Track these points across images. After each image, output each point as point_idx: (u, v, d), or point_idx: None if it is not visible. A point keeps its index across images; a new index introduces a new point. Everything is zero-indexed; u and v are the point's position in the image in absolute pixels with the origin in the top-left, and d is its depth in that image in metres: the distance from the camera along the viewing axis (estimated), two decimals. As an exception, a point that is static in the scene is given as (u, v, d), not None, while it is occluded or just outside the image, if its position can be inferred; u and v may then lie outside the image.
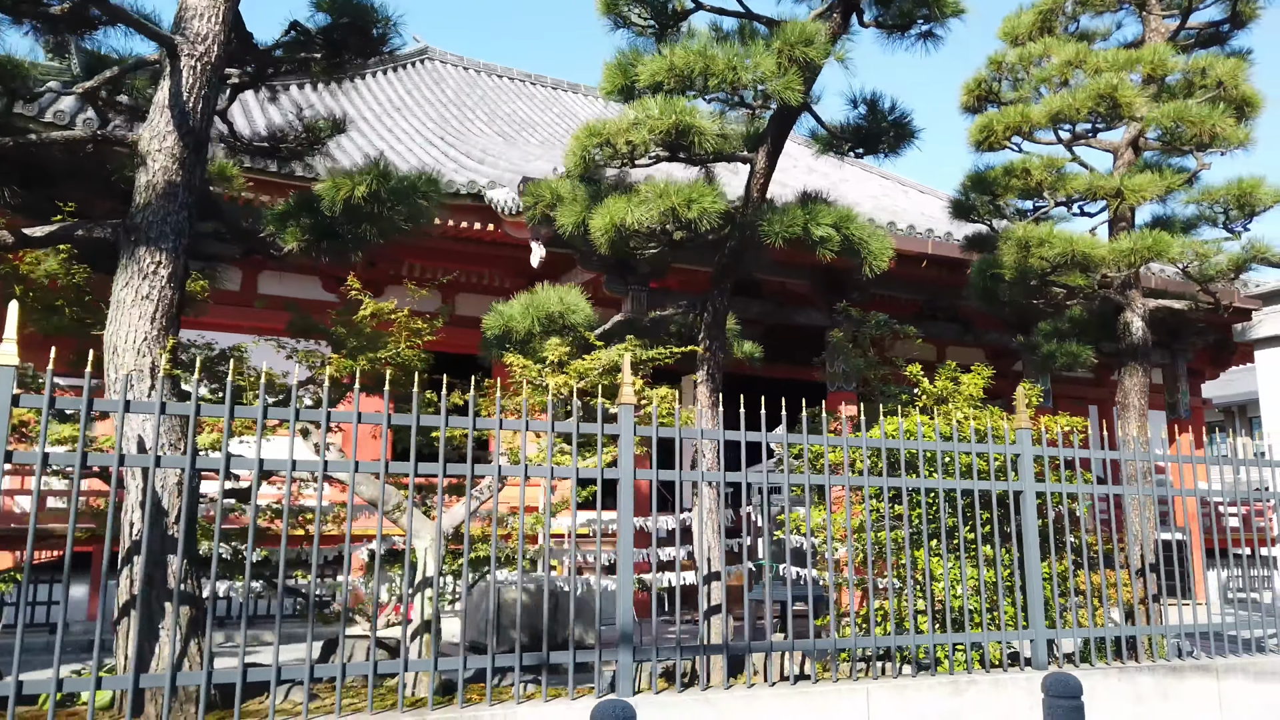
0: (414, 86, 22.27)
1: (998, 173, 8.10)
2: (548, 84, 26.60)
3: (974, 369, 7.52)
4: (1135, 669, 6.46)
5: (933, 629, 6.27)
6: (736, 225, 6.42)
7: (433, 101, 21.21)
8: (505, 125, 21.25)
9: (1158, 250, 7.45)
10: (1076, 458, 6.72)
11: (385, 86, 21.38)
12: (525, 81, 26.31)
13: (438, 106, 20.88)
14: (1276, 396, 8.13)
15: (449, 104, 21.44)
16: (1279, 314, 8.09)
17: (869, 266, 6.30)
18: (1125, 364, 8.42)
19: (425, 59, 24.34)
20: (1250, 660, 6.93)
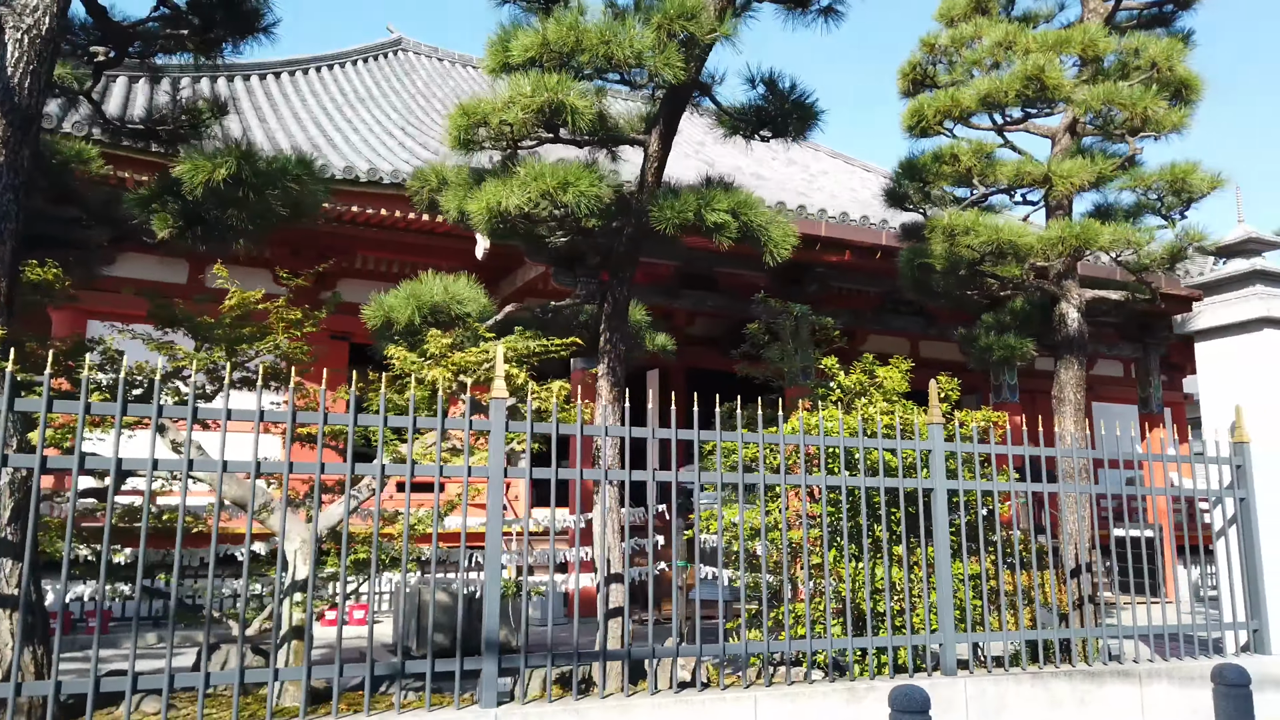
0: (383, 78, 21.96)
1: (928, 159, 7.81)
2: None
3: (893, 361, 7.23)
4: (1053, 674, 6.19)
5: (850, 632, 6.01)
6: (633, 211, 6.14)
7: (400, 92, 20.90)
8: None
9: (1087, 239, 7.16)
10: (993, 454, 6.44)
11: (354, 77, 21.07)
12: (501, 73, 25.95)
13: (404, 97, 20.57)
14: (1216, 391, 7.84)
15: (417, 95, 21.14)
16: (1218, 305, 7.79)
17: (770, 255, 6.02)
18: (1061, 357, 8.14)
19: (399, 50, 24.03)
20: (1176, 665, 6.66)
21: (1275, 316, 7.43)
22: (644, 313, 7.25)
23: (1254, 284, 7.62)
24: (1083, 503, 7.96)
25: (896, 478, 6.25)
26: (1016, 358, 8.52)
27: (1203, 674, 6.68)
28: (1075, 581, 7.80)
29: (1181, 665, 6.68)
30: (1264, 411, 7.46)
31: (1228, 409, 7.63)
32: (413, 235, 13.62)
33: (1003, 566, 6.60)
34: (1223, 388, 7.83)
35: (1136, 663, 6.67)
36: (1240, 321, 7.65)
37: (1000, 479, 6.64)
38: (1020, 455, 6.68)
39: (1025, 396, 16.28)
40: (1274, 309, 7.42)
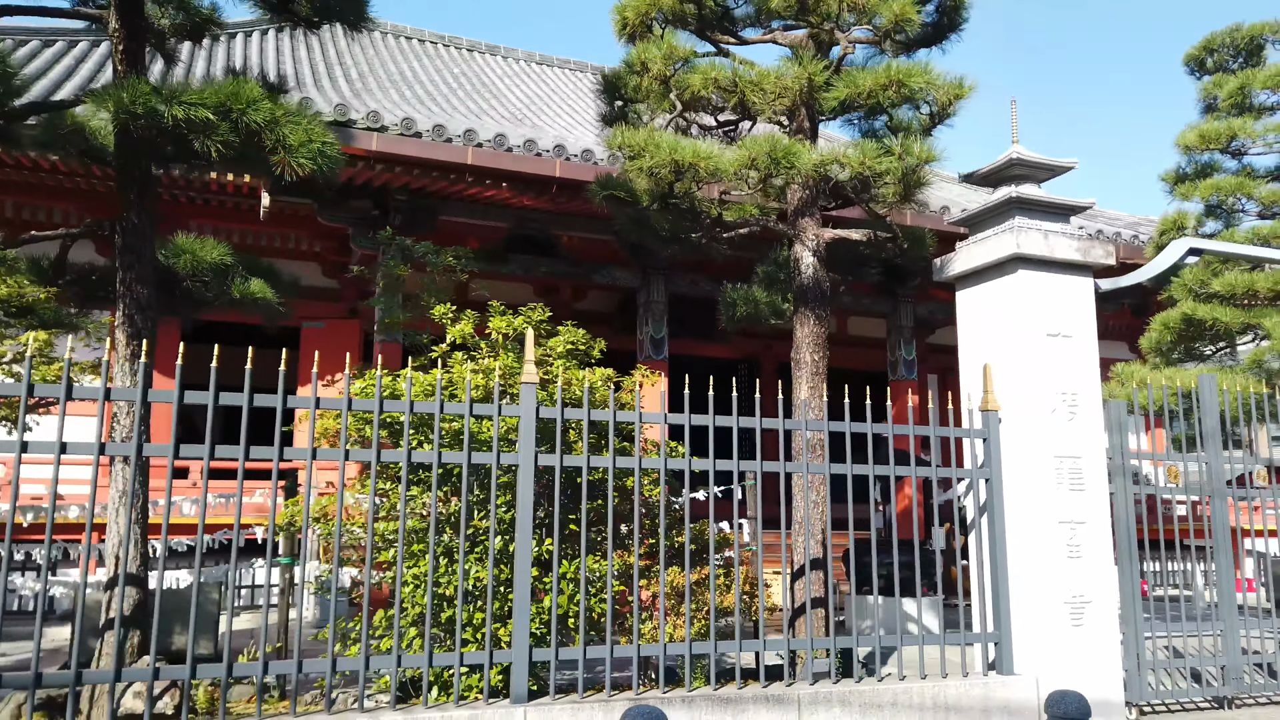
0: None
1: (622, 70, 6.46)
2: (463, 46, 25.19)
3: (525, 311, 5.89)
4: (676, 700, 4.85)
5: (430, 646, 4.76)
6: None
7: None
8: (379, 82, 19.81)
9: (787, 160, 5.79)
10: (611, 421, 5.08)
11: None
12: (437, 44, 24.90)
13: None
14: (971, 349, 6.42)
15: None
16: (974, 244, 6.36)
17: (290, 168, 4.74)
18: (797, 311, 6.76)
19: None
20: (869, 689, 5.28)
21: (1028, 253, 6.00)
22: (224, 252, 5.95)
23: (1012, 215, 6.18)
24: (814, 485, 6.59)
25: (485, 452, 4.95)
26: (765, 316, 7.14)
27: (906, 700, 5.32)
28: (800, 582, 6.46)
29: (877, 690, 5.31)
30: (1015, 372, 6.04)
31: (981, 369, 6.21)
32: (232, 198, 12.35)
33: (660, 563, 5.28)
34: (977, 344, 6.40)
35: (813, 684, 5.31)
36: (993, 263, 6.22)
37: (649, 454, 5.31)
38: (677, 424, 5.33)
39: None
40: (1026, 244, 5.98)
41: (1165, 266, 6.88)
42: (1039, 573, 5.73)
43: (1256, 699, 7.44)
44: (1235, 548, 15.77)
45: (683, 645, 5.09)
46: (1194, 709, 7.15)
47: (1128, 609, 6.74)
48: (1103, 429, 6.09)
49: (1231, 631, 7.09)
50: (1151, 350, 10.24)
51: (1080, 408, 6.02)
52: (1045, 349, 5.99)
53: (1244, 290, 8.87)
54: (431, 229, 11.72)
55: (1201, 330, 9.34)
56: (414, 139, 9.70)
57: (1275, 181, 10.08)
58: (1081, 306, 6.17)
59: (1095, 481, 5.97)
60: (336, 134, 9.37)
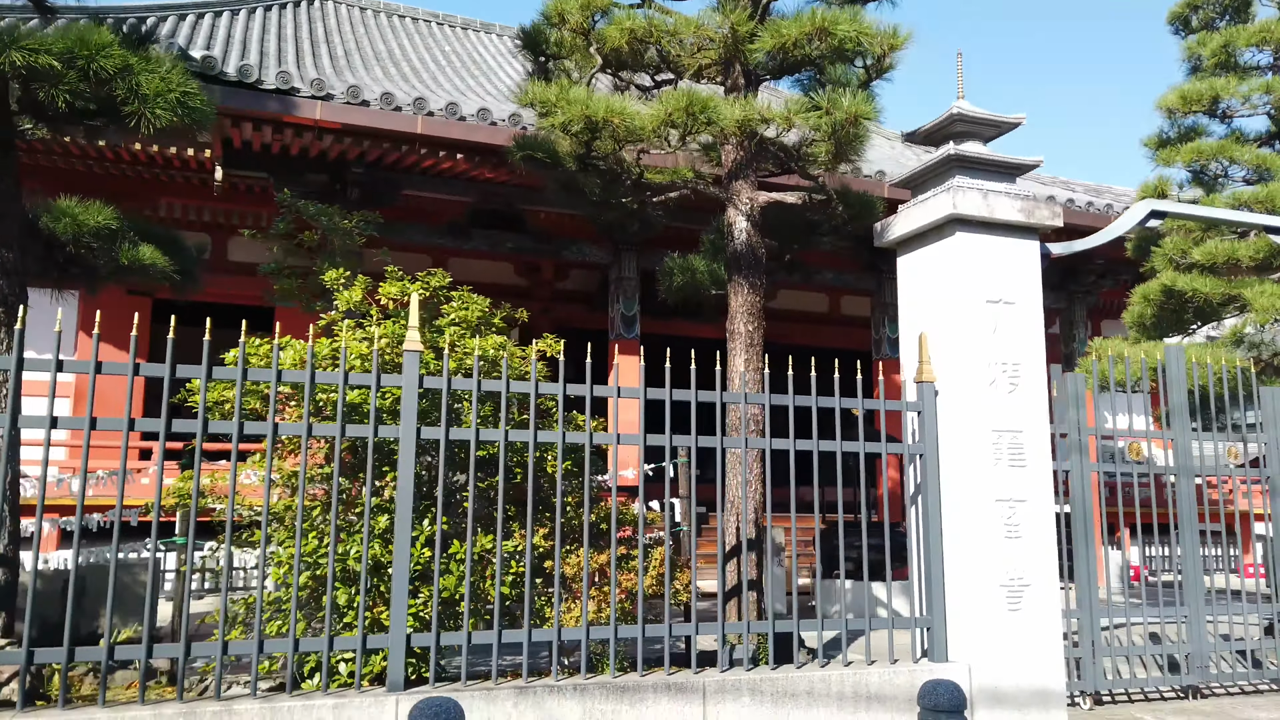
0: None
1: (541, 23, 6.11)
2: (456, 24, 24.88)
3: (423, 277, 5.54)
4: (571, 689, 4.55)
5: (294, 630, 4.49)
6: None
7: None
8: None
9: (705, 116, 5.43)
10: (504, 391, 4.75)
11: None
12: (430, 22, 24.60)
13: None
14: (911, 317, 6.03)
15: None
16: (914, 206, 5.97)
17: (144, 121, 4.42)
18: (730, 279, 6.41)
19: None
20: (768, 677, 4.96)
21: (966, 214, 5.61)
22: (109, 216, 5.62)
23: (952, 175, 5.79)
24: (750, 462, 6.26)
25: (364, 425, 4.64)
26: (704, 285, 6.80)
27: (824, 689, 5.00)
28: (736, 563, 6.14)
29: (792, 678, 4.98)
30: (952, 342, 5.67)
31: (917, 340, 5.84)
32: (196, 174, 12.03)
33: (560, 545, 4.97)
34: (916, 313, 6.03)
35: (724, 671, 4.99)
36: (931, 225, 5.84)
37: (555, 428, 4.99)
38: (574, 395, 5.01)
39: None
40: (964, 204, 5.60)
41: (1125, 229, 6.47)
42: (974, 554, 5.38)
43: (1228, 688, 7.07)
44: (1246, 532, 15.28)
45: (579, 630, 4.78)
46: (1157, 699, 6.79)
47: (1084, 593, 6.38)
48: (1046, 402, 5.71)
49: (1197, 617, 6.71)
50: (1134, 324, 9.80)
51: (1023, 379, 5.64)
52: (984, 316, 5.62)
53: (1225, 259, 8.42)
54: (392, 203, 11.43)
55: (1183, 302, 8.90)
56: (360, 108, 9.38)
57: (1265, 146, 9.59)
58: (1026, 271, 5.79)
59: (1038, 457, 5.60)
60: (279, 103, 9.15)
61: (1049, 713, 5.35)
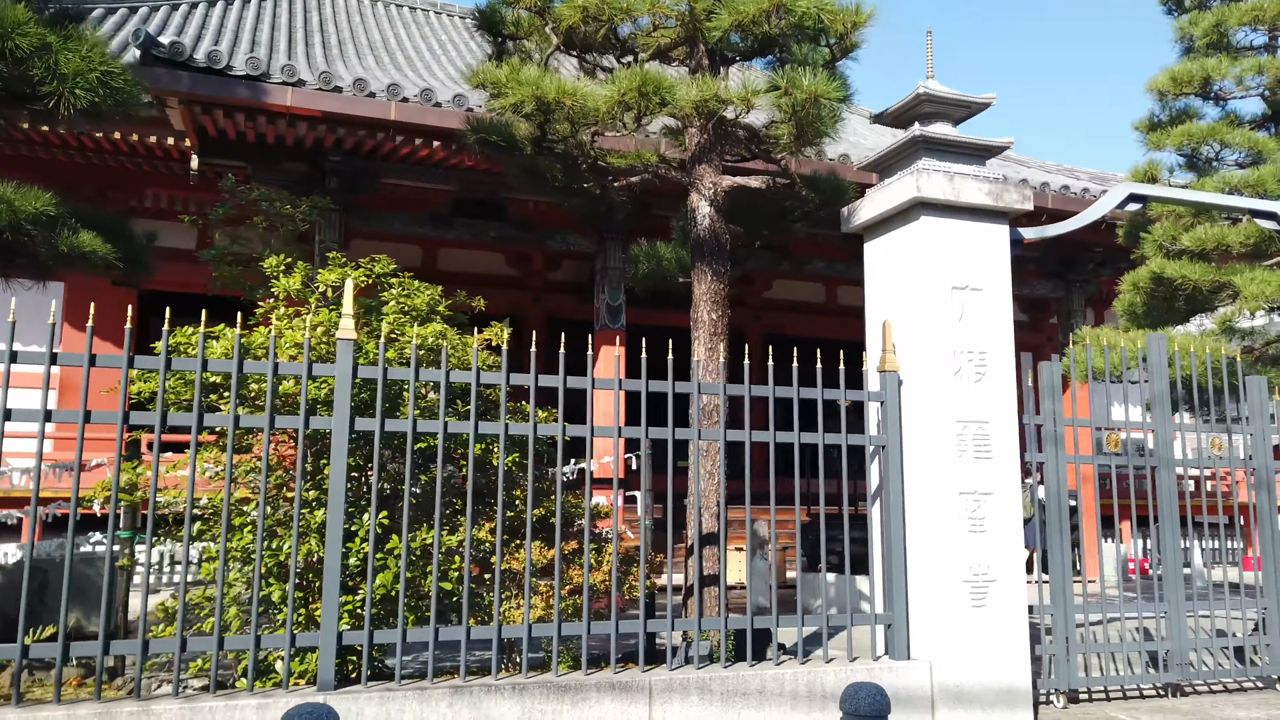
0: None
1: (496, 4, 5.93)
2: (455, 13, 24.71)
3: (365, 263, 5.37)
4: (492, 689, 4.40)
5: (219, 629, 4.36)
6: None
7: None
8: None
9: (658, 95, 5.25)
10: (444, 381, 4.59)
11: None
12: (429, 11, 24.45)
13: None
14: (881, 303, 5.83)
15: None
16: (882, 191, 5.76)
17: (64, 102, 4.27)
18: (694, 265, 6.23)
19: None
20: (718, 675, 4.80)
21: (930, 197, 5.42)
22: (46, 202, 5.46)
23: (919, 157, 5.60)
24: (711, 454, 6.10)
25: (296, 416, 4.49)
26: (671, 273, 6.63)
27: (776, 688, 4.84)
28: (697, 559, 5.98)
29: (743, 677, 4.82)
30: (917, 330, 5.48)
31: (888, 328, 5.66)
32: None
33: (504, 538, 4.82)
34: (881, 300, 5.85)
35: (675, 670, 4.84)
36: (896, 209, 5.65)
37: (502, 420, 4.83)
38: (516, 384, 4.85)
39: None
40: (928, 187, 5.40)
41: (1102, 213, 6.27)
42: (937, 549, 5.21)
43: (1212, 686, 6.87)
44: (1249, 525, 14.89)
45: (521, 628, 4.64)
46: (1136, 697, 6.60)
47: (1058, 588, 6.19)
48: (1014, 392, 5.52)
49: (1176, 613, 6.52)
50: (1125, 313, 9.58)
51: (990, 368, 5.45)
52: (950, 303, 5.43)
53: (1215, 245, 8.18)
54: (372, 191, 11.29)
55: (1173, 290, 8.66)
56: (333, 94, 9.23)
57: (1261, 129, 9.34)
58: (994, 257, 5.59)
59: (1004, 449, 5.42)
60: (249, 89, 9.00)
61: (1014, 712, 5.18)
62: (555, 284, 16.12)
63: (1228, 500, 8.19)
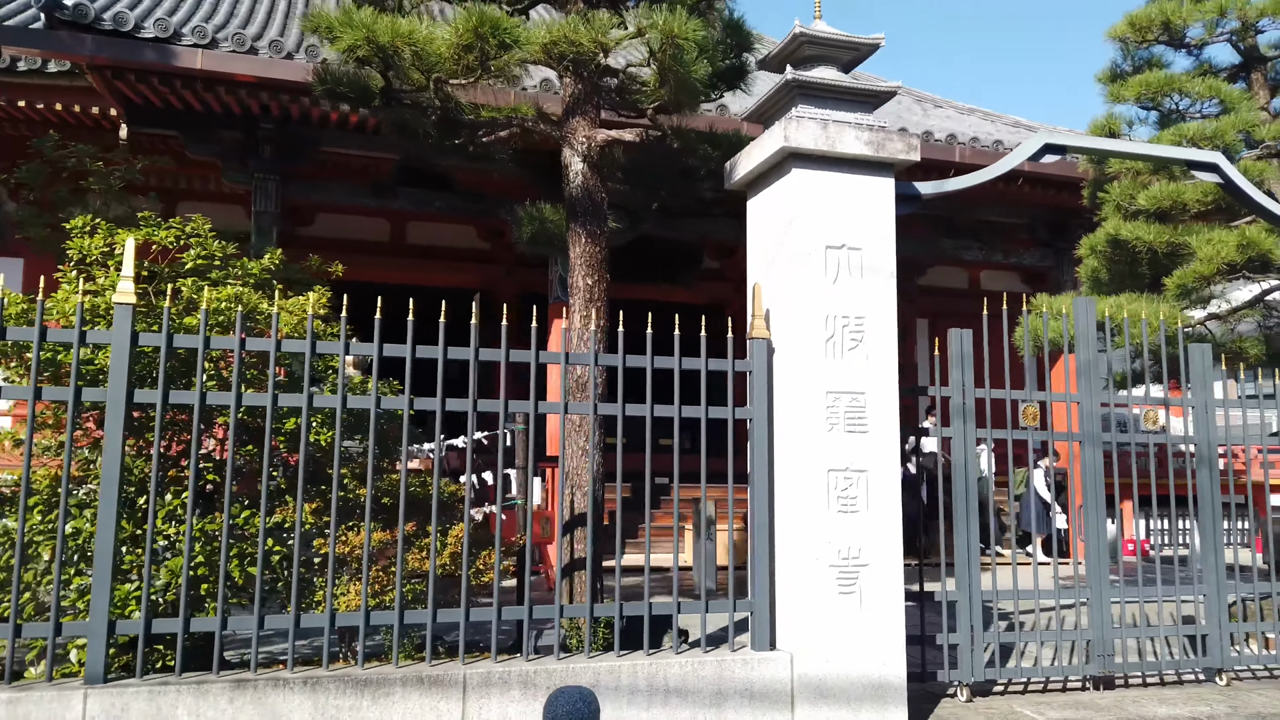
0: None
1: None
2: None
3: (142, 217, 4.95)
4: (281, 683, 4.05)
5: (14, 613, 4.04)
6: None
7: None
8: None
9: (498, 38, 4.82)
10: (237, 351, 4.22)
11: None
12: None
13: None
14: (755, 266, 5.35)
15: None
16: (758, 143, 5.26)
17: None
18: (568, 227, 5.81)
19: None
20: (544, 668, 4.42)
21: (800, 147, 4.93)
22: None
23: (795, 104, 5.11)
24: (583, 429, 5.70)
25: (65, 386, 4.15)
26: (554, 234, 6.21)
27: (611, 680, 4.46)
28: (569, 539, 5.61)
29: (573, 668, 4.44)
30: (788, 292, 5.02)
31: (764, 292, 5.21)
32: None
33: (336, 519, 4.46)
34: (759, 262, 5.39)
35: (499, 661, 4.46)
36: (771, 162, 5.18)
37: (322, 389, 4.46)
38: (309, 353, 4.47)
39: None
40: (798, 136, 4.92)
41: (1012, 165, 5.74)
42: (803, 530, 4.77)
43: (1147, 678, 6.39)
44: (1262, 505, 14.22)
45: (356, 615, 4.28)
46: (1058, 689, 6.12)
47: (963, 572, 5.73)
48: (895, 360, 5.04)
49: (1099, 599, 6.02)
50: (1088, 280, 8.98)
51: (867, 334, 4.98)
52: (824, 264, 4.96)
53: (1171, 204, 7.57)
54: (310, 160, 10.94)
55: (1133, 255, 8.06)
56: (248, 56, 8.86)
57: (1235, 80, 8.66)
58: (876, 213, 5.10)
59: (882, 423, 4.95)
60: (157, 52, 8.66)
61: (885, 709, 4.74)
62: (525, 257, 15.72)
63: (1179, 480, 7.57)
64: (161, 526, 4.45)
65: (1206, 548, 6.36)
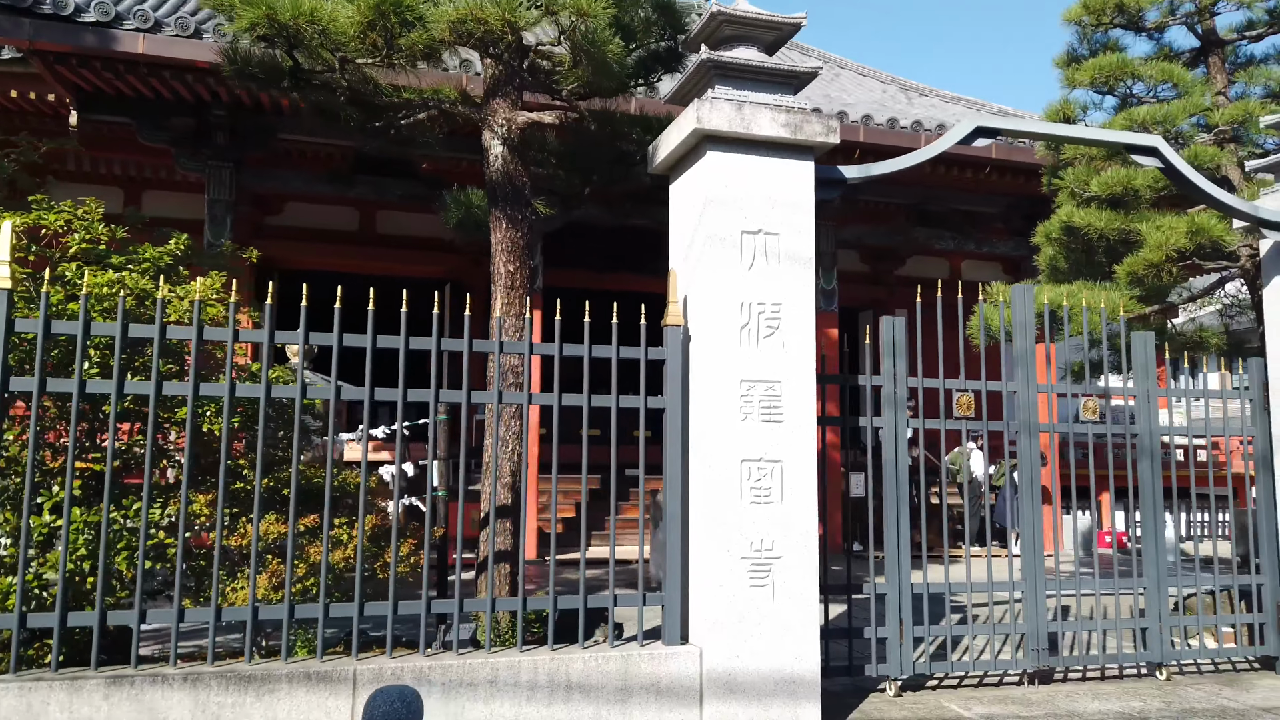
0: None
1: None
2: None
3: (33, 200, 4.81)
4: (160, 679, 3.94)
5: None
6: None
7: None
8: None
9: (402, 15, 4.69)
10: (156, 337, 4.07)
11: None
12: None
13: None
14: (679, 254, 5.21)
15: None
16: (675, 126, 5.13)
17: None
18: (490, 212, 5.68)
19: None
20: (444, 664, 4.30)
21: (714, 129, 4.80)
22: None
23: (712, 85, 4.97)
24: (508, 420, 5.58)
25: None
26: (482, 220, 6.09)
27: (511, 677, 4.35)
28: (489, 530, 5.50)
29: (471, 665, 4.33)
30: (703, 279, 4.89)
31: (682, 279, 5.08)
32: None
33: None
34: (678, 248, 5.26)
35: (394, 657, 4.35)
36: (688, 146, 5.05)
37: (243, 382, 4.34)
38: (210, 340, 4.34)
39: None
40: (711, 118, 4.78)
41: (942, 149, 5.61)
42: (715, 522, 4.65)
43: (1088, 671, 6.29)
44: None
45: (243, 610, 4.17)
46: (993, 684, 6.02)
47: (892, 564, 5.62)
48: (812, 349, 4.92)
49: (1032, 592, 5.91)
50: (1047, 268, 8.86)
51: (784, 322, 4.85)
52: (739, 250, 4.83)
53: (1123, 189, 7.43)
54: (267, 148, 10.81)
55: (1087, 242, 7.92)
56: (192, 41, 8.70)
57: (1196, 66, 8.50)
58: (794, 198, 4.97)
59: (799, 413, 4.82)
60: (97, 36, 8.51)
61: (797, 706, 4.63)
62: (494, 246, 15.60)
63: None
64: (49, 519, 4.33)
65: (1148, 540, 6.24)
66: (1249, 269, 7.46)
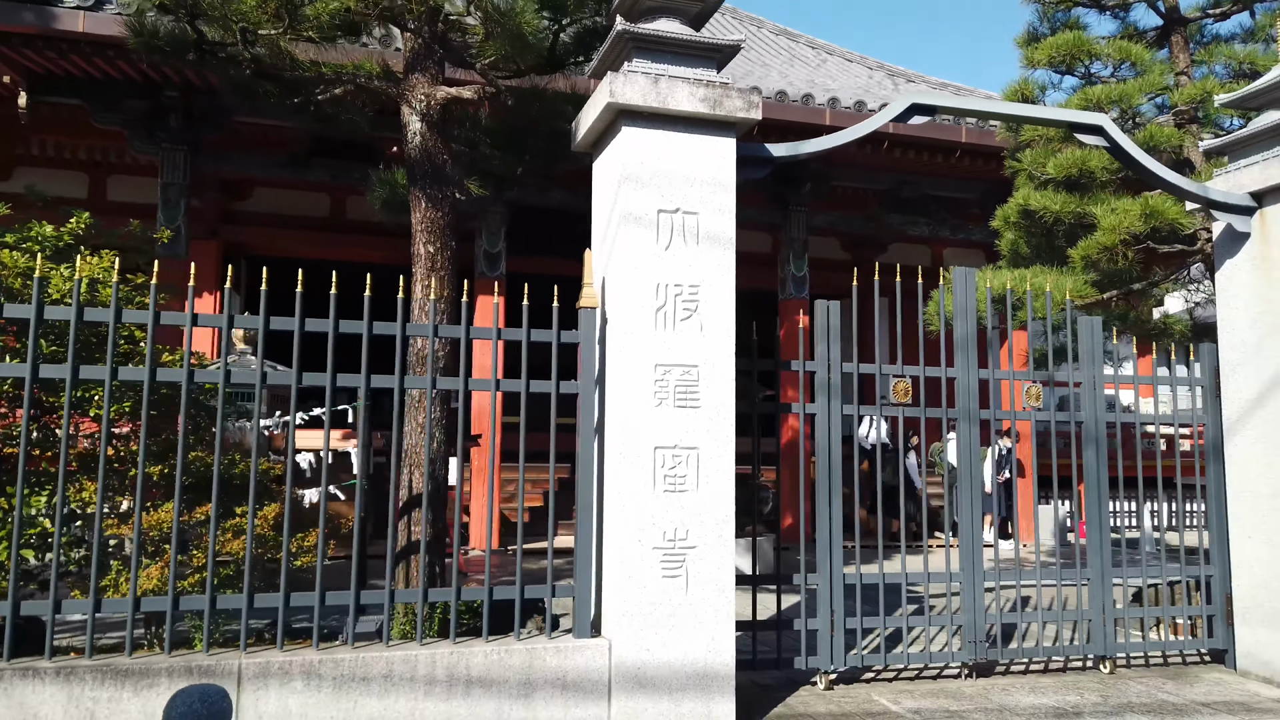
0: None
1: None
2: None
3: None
4: (31, 673, 3.79)
5: None
6: None
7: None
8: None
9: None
10: (33, 318, 3.93)
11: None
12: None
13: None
14: (598, 234, 5.04)
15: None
16: (592, 101, 4.94)
17: None
18: (410, 191, 5.51)
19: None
20: (335, 658, 4.15)
21: (629, 104, 4.62)
22: None
23: (630, 58, 4.79)
24: (424, 404, 5.42)
25: None
26: (407, 200, 5.91)
27: (406, 671, 4.20)
28: (406, 521, 5.34)
29: (365, 659, 4.17)
30: (620, 260, 4.72)
31: (603, 263, 4.92)
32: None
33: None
34: (598, 228, 5.09)
35: (286, 652, 4.20)
36: (604, 121, 4.87)
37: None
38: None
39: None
40: (625, 92, 4.61)
41: (876, 127, 5.43)
42: (628, 510, 4.49)
43: (1031, 664, 6.14)
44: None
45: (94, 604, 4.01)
46: (930, 677, 5.87)
47: (823, 556, 5.47)
48: (731, 333, 4.75)
49: (970, 583, 5.76)
50: (1008, 253, 8.69)
51: (702, 304, 4.69)
52: (656, 228, 4.65)
53: (1079, 171, 7.25)
54: (223, 130, 10.61)
55: (1045, 226, 7.75)
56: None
57: (1161, 46, 8.31)
58: (715, 176, 4.79)
59: (716, 398, 4.66)
60: (36, 15, 8.32)
61: (710, 701, 4.48)
62: (465, 233, 15.41)
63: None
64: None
65: (1092, 530, 6.09)
66: (1208, 253, 7.29)
